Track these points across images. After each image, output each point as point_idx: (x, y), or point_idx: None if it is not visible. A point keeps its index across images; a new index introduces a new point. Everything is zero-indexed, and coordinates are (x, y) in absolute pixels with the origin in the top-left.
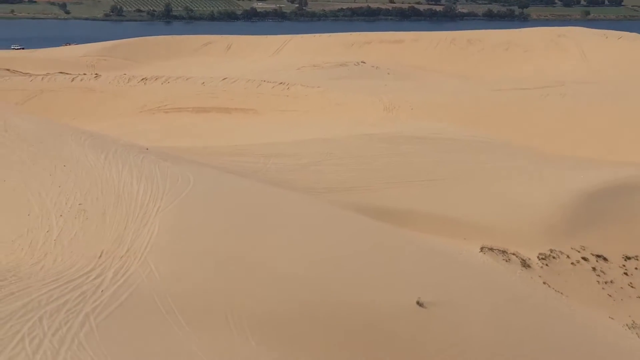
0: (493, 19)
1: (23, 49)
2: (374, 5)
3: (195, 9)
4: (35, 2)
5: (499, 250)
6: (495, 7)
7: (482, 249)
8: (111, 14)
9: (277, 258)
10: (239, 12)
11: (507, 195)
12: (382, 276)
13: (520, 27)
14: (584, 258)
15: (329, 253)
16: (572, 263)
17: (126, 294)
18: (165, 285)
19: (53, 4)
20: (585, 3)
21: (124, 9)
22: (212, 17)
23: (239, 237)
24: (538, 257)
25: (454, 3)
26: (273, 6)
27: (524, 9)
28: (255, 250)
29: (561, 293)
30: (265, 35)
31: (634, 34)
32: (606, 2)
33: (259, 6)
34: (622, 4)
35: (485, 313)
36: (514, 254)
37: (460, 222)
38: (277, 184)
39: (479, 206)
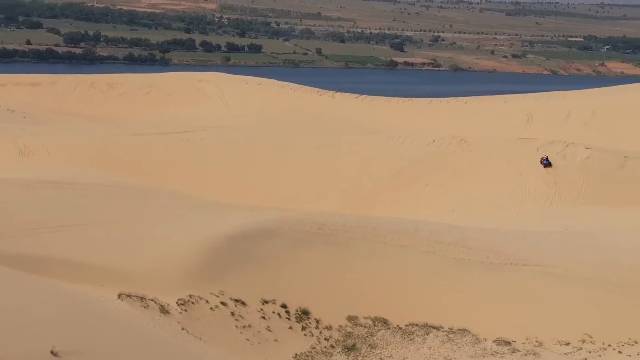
0: (134, 63)
1: None
2: (9, 47)
3: None
4: None
5: (137, 296)
6: (137, 51)
7: (120, 295)
8: None
9: None
10: None
11: (147, 240)
12: (13, 326)
13: (161, 72)
14: (222, 303)
15: None
16: (211, 308)
17: None
18: None
19: None
20: (225, 49)
21: None
22: None
23: None
24: (177, 302)
25: (94, 46)
26: None
27: (165, 54)
28: None
29: (200, 338)
30: None
31: (272, 80)
32: (246, 49)
33: None
34: (262, 50)
35: None
36: (152, 300)
37: (98, 268)
38: None
39: (118, 252)
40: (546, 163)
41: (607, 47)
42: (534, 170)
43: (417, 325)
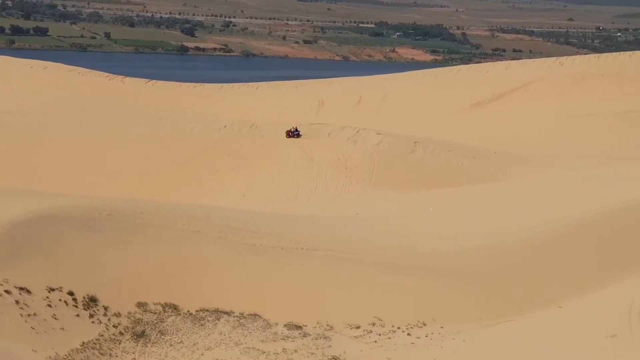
0: None
1: None
2: None
3: None
4: None
5: None
6: None
7: None
8: None
9: None
10: None
11: None
12: None
13: None
14: (6, 291)
15: None
16: None
17: None
18: None
19: None
20: (10, 32)
21: None
22: None
23: None
24: None
25: None
26: None
27: None
28: None
29: None
30: None
31: (59, 64)
32: (31, 32)
33: None
34: (48, 34)
35: None
36: None
37: None
38: None
39: None
40: (296, 133)
41: (398, 33)
42: (325, 156)
43: (207, 310)
